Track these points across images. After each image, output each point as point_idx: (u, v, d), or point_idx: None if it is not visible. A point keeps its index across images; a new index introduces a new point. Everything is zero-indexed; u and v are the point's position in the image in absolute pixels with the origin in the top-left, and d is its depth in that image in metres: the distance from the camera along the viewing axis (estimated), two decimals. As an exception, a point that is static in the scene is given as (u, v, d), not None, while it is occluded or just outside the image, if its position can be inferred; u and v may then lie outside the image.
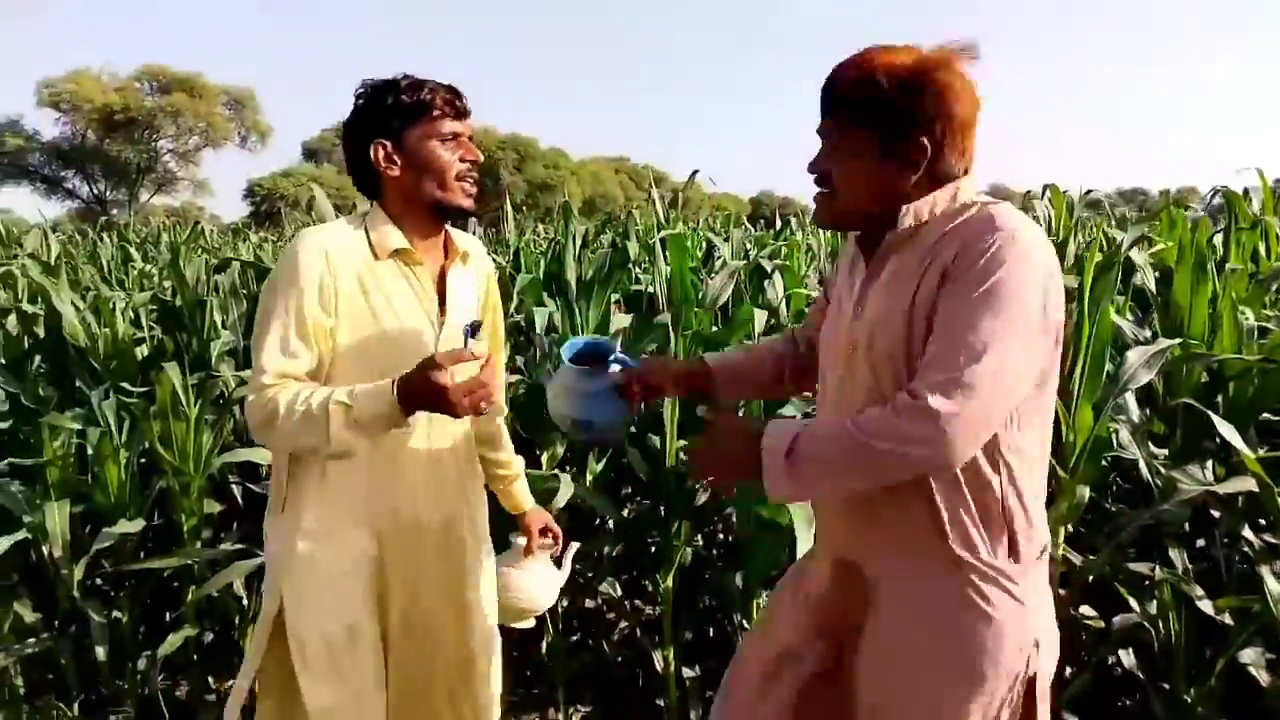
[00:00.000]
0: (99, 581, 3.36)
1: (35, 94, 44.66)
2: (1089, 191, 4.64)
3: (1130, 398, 3.13)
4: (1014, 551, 1.49)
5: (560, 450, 3.35)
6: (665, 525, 2.87)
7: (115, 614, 3.25)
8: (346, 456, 1.75)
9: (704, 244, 5.17)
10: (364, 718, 1.84)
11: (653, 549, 2.95)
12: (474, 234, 7.82)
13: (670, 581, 2.90)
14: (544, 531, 2.26)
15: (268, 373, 1.73)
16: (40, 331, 3.91)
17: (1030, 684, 1.52)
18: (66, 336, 3.74)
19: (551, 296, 3.44)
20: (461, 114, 1.85)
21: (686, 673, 3.05)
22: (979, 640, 1.47)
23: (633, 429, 3.09)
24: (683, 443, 2.92)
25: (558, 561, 2.33)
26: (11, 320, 4.22)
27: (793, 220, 7.64)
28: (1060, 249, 3.75)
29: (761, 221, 11.28)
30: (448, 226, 1.95)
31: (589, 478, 3.19)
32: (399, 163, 1.82)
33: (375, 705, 1.86)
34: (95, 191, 47.62)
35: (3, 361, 3.86)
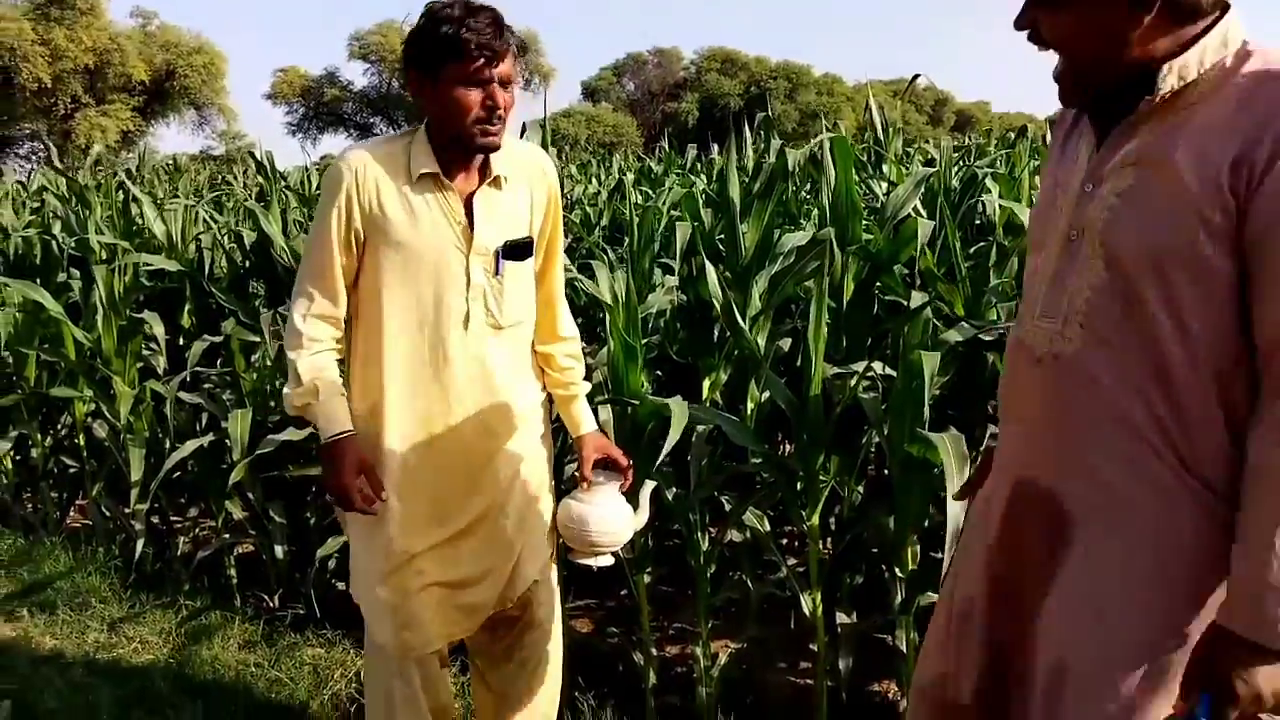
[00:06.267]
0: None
1: (347, 47, 48.93)
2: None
3: None
4: None
5: (724, 375, 3.17)
6: (809, 459, 2.62)
7: (308, 515, 3.47)
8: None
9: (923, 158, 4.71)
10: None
11: (799, 485, 2.71)
12: (705, 155, 7.64)
13: (815, 520, 2.66)
14: (606, 461, 2.16)
15: (298, 312, 1.93)
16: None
17: None
18: (275, 259, 4.00)
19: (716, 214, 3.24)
20: (494, 58, 1.82)
21: (841, 618, 2.81)
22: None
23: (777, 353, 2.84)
24: (832, 369, 2.65)
25: (635, 499, 2.16)
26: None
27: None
28: None
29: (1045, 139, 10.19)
30: (511, 139, 1.99)
31: (750, 406, 2.98)
32: (427, 96, 1.87)
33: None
34: (400, 136, 51.80)
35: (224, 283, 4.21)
